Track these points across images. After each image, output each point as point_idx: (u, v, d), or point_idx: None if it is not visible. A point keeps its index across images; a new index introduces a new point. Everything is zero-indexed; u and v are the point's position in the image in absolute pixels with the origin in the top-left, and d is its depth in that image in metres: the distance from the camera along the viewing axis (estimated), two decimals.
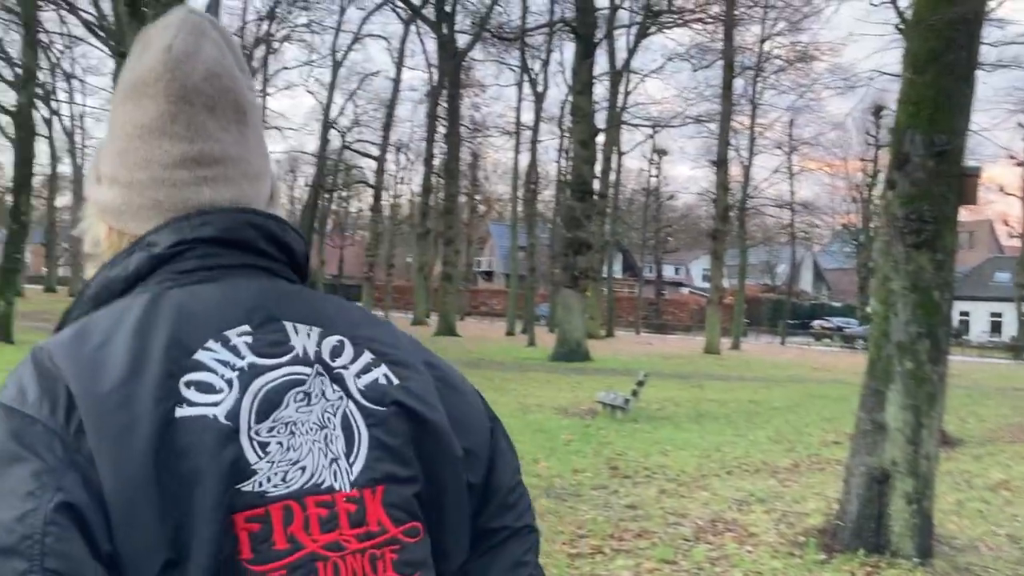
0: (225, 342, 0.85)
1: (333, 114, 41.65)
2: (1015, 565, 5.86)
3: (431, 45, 40.88)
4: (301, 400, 0.86)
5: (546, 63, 40.61)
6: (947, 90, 6.04)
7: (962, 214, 6.41)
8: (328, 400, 0.88)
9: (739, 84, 36.90)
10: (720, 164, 33.37)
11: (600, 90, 33.23)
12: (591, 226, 26.11)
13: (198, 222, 0.91)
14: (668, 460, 9.47)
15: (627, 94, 40.14)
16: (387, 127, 41.51)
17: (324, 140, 40.61)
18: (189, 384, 0.81)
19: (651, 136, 46.88)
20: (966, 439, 11.84)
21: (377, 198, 42.57)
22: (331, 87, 40.36)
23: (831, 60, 65.24)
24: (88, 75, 69.10)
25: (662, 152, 51.59)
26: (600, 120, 30.62)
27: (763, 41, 38.40)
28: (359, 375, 0.91)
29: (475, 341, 32.34)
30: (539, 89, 40.62)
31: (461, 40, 38.01)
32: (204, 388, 0.82)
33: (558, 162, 44.56)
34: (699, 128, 42.65)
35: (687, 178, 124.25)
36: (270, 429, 0.83)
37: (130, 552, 0.76)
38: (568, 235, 24.97)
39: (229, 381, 0.83)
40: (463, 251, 53.68)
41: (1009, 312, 48.28)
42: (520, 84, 41.70)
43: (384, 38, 65.86)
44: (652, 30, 36.74)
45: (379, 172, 42.18)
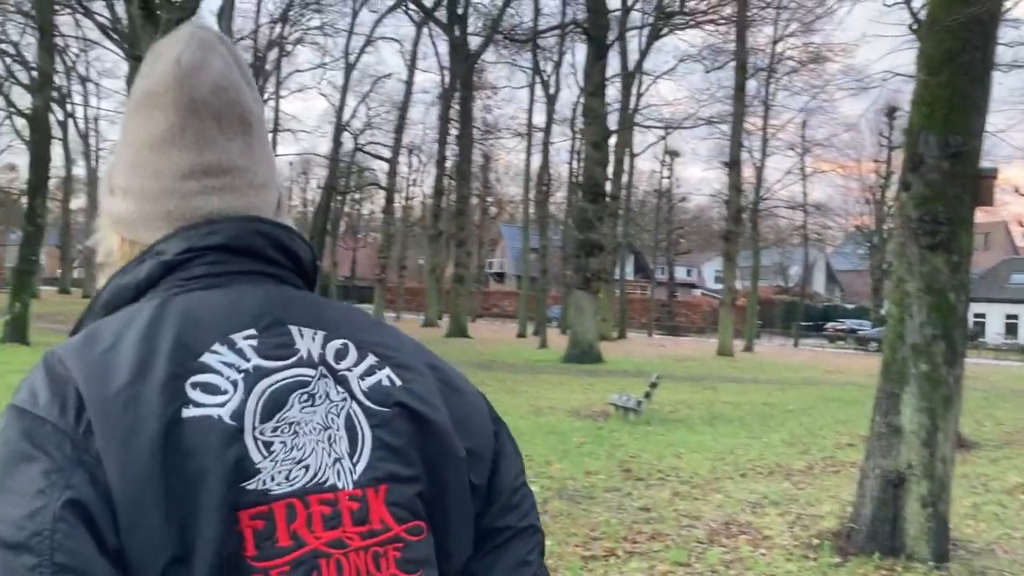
0: (231, 345, 0.87)
1: (346, 116, 41.81)
2: None
3: (443, 47, 41.06)
4: (305, 401, 0.88)
5: (558, 65, 40.72)
6: (962, 91, 6.01)
7: (977, 215, 6.37)
8: (332, 401, 0.90)
9: (752, 85, 36.91)
10: (732, 165, 33.30)
11: (612, 92, 33.28)
12: (603, 228, 26.08)
13: (206, 230, 0.93)
14: (681, 462, 9.45)
15: (639, 96, 40.17)
16: (399, 129, 41.57)
17: (337, 142, 40.71)
18: (195, 385, 0.83)
19: (663, 138, 46.91)
20: (982, 442, 11.77)
21: (389, 200, 42.63)
22: (344, 89, 40.48)
23: (844, 61, 65.14)
24: (103, 78, 69.35)
25: (674, 154, 51.56)
26: (612, 122, 30.60)
27: (776, 42, 38.39)
28: (363, 377, 0.93)
29: (487, 343, 32.36)
30: (551, 91, 40.69)
31: (473, 42, 38.13)
32: (210, 389, 0.83)
33: (570, 164, 44.66)
34: (711, 129, 42.66)
35: (699, 180, 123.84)
36: (274, 429, 0.85)
37: (136, 548, 0.78)
38: (580, 237, 24.97)
39: (234, 383, 0.85)
40: (475, 253, 53.75)
41: None
42: (532, 86, 41.84)
43: (396, 41, 65.88)
44: (664, 31, 36.73)
45: (391, 174, 42.25)
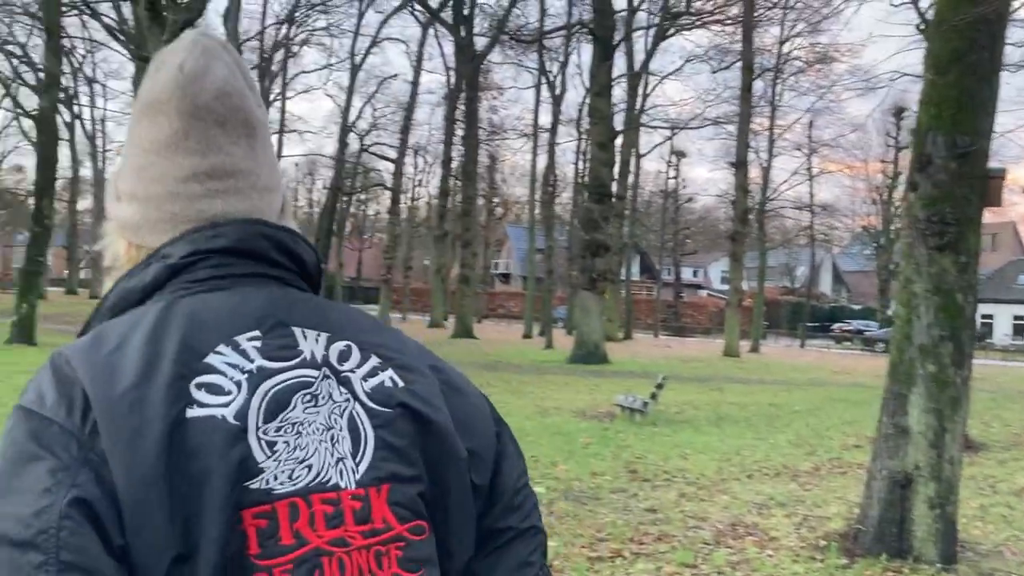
0: (235, 346, 0.88)
1: (351, 117, 41.82)
2: None
3: (449, 48, 41.06)
4: (308, 402, 0.89)
5: (564, 65, 40.74)
6: (970, 91, 5.99)
7: (985, 216, 6.35)
8: (335, 402, 0.90)
9: (758, 86, 36.86)
10: (739, 166, 33.27)
11: (618, 92, 33.29)
12: (609, 228, 26.06)
13: (211, 234, 0.94)
14: (688, 464, 9.43)
15: (645, 96, 40.14)
16: (405, 130, 41.58)
17: (342, 143, 40.78)
18: (200, 386, 0.84)
19: (669, 138, 46.89)
20: (990, 443, 11.73)
21: (395, 201, 42.65)
22: (349, 90, 40.51)
23: (851, 61, 64.78)
24: (109, 79, 69.79)
25: (680, 154, 51.52)
26: (618, 122, 30.61)
27: (782, 43, 38.33)
28: (366, 378, 0.93)
29: (492, 343, 32.37)
30: (557, 92, 40.75)
31: (479, 43, 38.19)
32: (214, 390, 0.84)
33: (576, 164, 44.61)
34: (718, 130, 42.66)
35: (706, 180, 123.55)
36: (278, 429, 0.86)
37: (141, 547, 0.78)
38: (586, 237, 24.95)
39: (238, 383, 0.86)
40: (480, 254, 53.75)
41: None
42: (538, 87, 41.86)
43: (402, 41, 65.63)
44: (671, 32, 36.72)
45: (397, 175, 42.29)
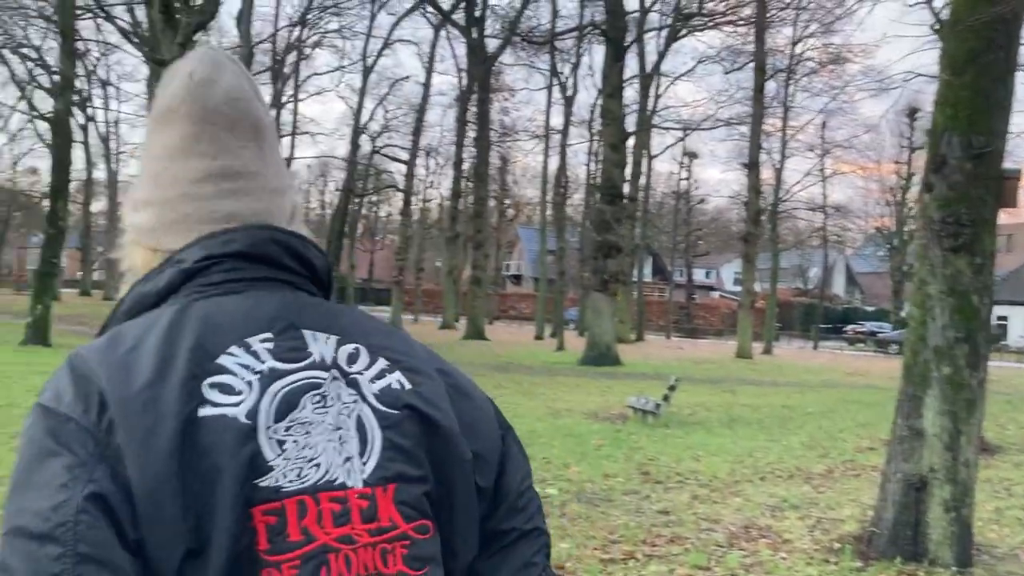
0: (247, 348, 0.91)
1: (363, 119, 41.91)
2: None
3: (461, 50, 41.10)
4: (318, 402, 0.91)
5: (576, 67, 40.74)
6: (985, 91, 5.95)
7: (1001, 217, 6.31)
8: (344, 403, 0.93)
9: (771, 86, 36.76)
10: (752, 167, 33.17)
11: (630, 93, 33.27)
12: (621, 229, 26.03)
13: (224, 239, 0.97)
14: (700, 465, 9.40)
15: (657, 97, 40.10)
16: (417, 132, 41.63)
17: (354, 145, 40.86)
18: (212, 386, 0.87)
19: (681, 139, 46.85)
20: (1006, 446, 11.64)
21: (407, 202, 42.69)
22: (361, 92, 40.59)
23: (864, 62, 64.52)
24: (123, 82, 70.28)
25: (693, 155, 51.42)
26: (630, 123, 30.56)
27: (795, 43, 38.17)
28: (374, 380, 0.96)
29: (504, 345, 32.37)
30: (569, 93, 40.72)
31: (491, 44, 38.21)
32: (226, 390, 0.87)
33: (587, 165, 44.61)
34: (730, 131, 42.60)
35: (718, 181, 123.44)
36: (287, 428, 0.88)
37: (155, 542, 0.81)
38: (598, 239, 24.92)
39: (249, 383, 0.88)
40: (492, 255, 53.78)
41: None
42: (550, 88, 41.83)
43: (414, 43, 65.90)
44: (683, 33, 36.66)
45: (409, 176, 42.32)
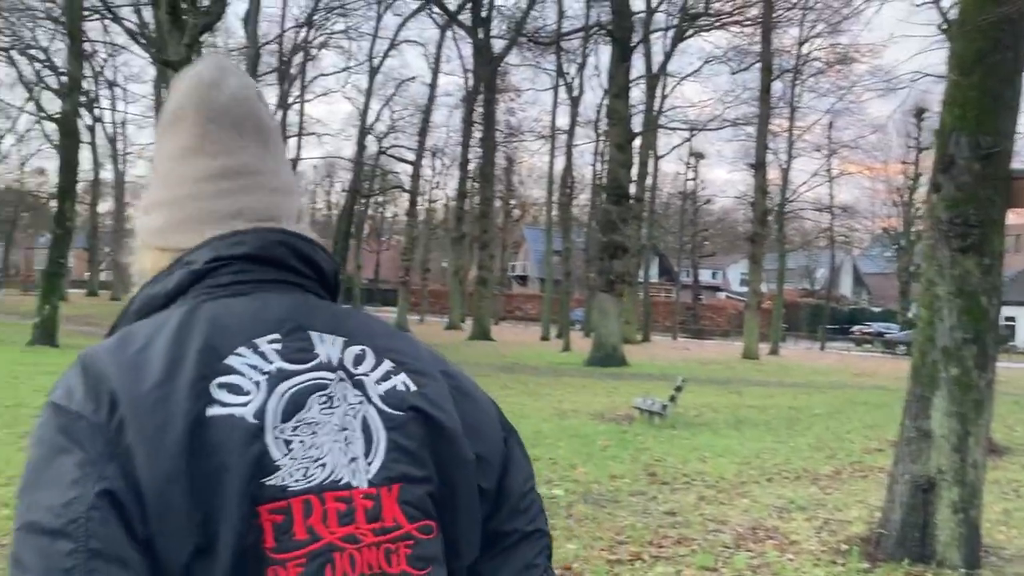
0: (255, 348, 0.92)
1: (370, 120, 42.05)
2: None
3: (467, 50, 41.17)
4: (324, 403, 0.92)
5: (582, 67, 40.67)
6: (994, 91, 5.93)
7: (1009, 217, 6.29)
8: (349, 404, 0.94)
9: (777, 87, 36.64)
10: (758, 167, 33.10)
11: (636, 93, 33.22)
12: (627, 230, 26.01)
13: (234, 240, 0.98)
14: (707, 466, 9.38)
15: (664, 97, 40.03)
16: (423, 132, 41.72)
17: (361, 146, 40.95)
18: (221, 386, 0.88)
19: (688, 139, 46.76)
20: (1014, 447, 11.59)
21: (413, 203, 42.76)
22: (368, 93, 40.71)
23: (871, 62, 64.47)
24: (130, 83, 70.47)
25: (699, 155, 51.33)
26: (636, 123, 30.56)
27: (802, 43, 38.05)
28: (379, 382, 0.97)
29: (510, 345, 32.37)
30: (575, 93, 40.66)
31: (497, 45, 38.18)
32: (234, 390, 0.88)
33: (593, 166, 44.63)
34: (737, 131, 42.50)
35: (724, 181, 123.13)
36: (294, 429, 0.89)
37: (163, 539, 0.82)
38: (604, 239, 24.91)
39: (257, 384, 0.90)
40: (498, 255, 53.77)
41: None
42: (556, 88, 41.78)
43: (420, 44, 66.24)
44: (689, 33, 36.59)
45: (415, 177, 42.40)
